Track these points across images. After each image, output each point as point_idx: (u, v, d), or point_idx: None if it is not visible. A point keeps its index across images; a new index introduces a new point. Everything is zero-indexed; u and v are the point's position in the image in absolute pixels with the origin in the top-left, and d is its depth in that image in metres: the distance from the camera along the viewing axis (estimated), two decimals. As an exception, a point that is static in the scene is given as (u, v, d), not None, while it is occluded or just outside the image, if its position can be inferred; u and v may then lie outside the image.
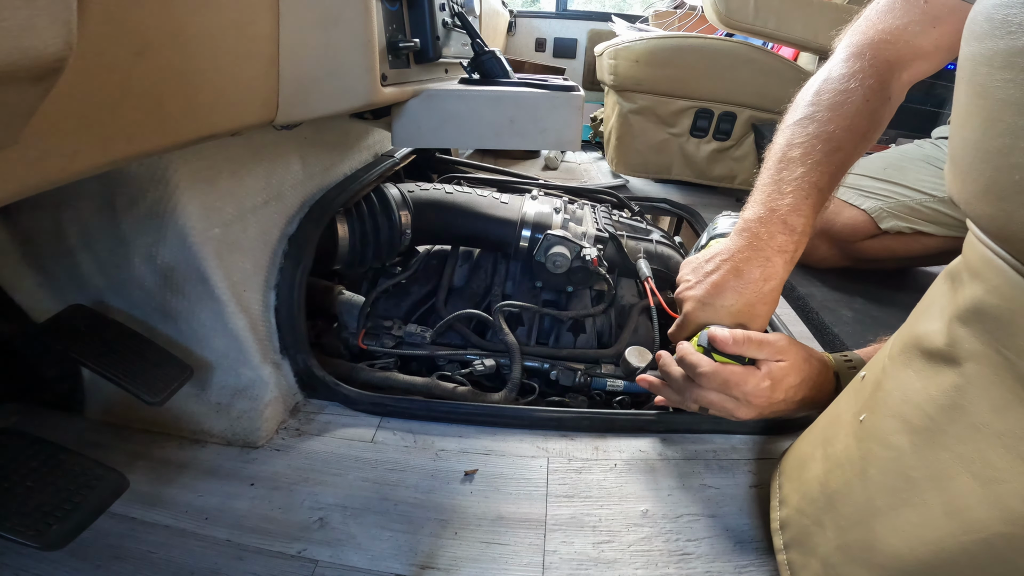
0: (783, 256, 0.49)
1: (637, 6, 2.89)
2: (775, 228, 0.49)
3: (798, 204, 0.49)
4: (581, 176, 1.81)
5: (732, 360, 0.48)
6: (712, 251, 0.53)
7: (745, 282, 0.49)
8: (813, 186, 0.50)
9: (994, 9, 0.26)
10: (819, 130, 0.52)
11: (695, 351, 0.50)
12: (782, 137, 0.54)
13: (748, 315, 0.50)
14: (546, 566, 0.45)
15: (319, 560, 0.44)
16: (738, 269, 0.50)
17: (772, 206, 0.50)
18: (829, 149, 0.51)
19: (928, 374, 0.32)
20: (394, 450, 0.56)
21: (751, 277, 0.49)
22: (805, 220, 0.50)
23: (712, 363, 0.48)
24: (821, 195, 0.50)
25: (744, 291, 0.49)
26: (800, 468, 0.44)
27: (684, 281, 0.54)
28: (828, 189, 0.51)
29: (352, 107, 0.48)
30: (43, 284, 0.55)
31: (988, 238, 0.29)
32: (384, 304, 0.80)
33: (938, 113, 1.78)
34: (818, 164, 0.50)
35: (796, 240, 0.49)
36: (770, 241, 0.49)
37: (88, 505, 0.38)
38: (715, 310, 0.50)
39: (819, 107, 0.53)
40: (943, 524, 0.28)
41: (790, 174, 0.51)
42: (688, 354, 0.50)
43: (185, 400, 0.56)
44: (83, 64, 0.24)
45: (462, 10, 0.65)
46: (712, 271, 0.51)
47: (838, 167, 0.51)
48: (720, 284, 0.50)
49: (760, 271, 0.49)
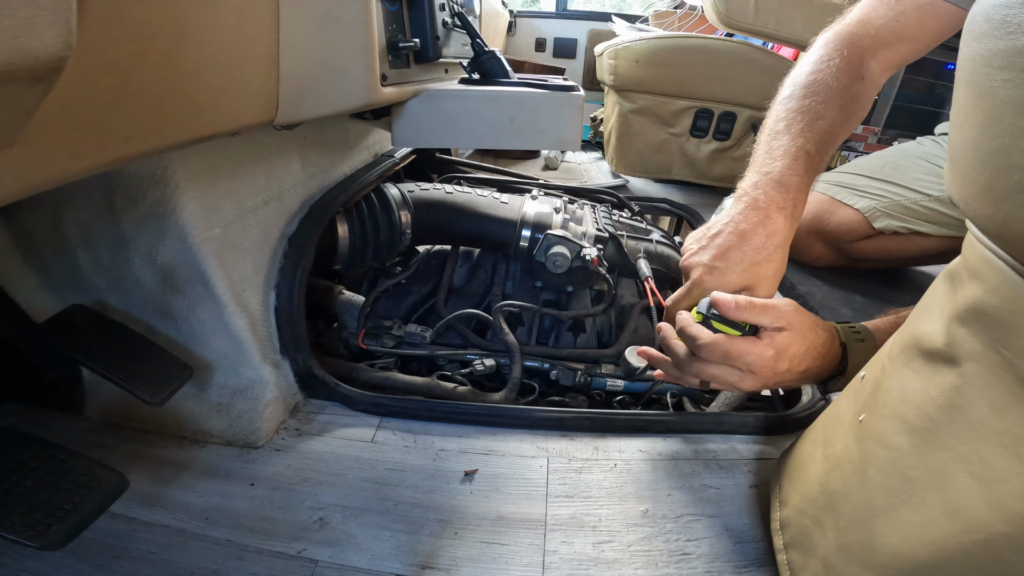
0: (782, 213, 0.51)
1: (637, 6, 2.89)
2: (771, 189, 0.51)
3: (789, 165, 0.52)
4: (581, 176, 1.81)
5: (733, 329, 0.47)
6: (713, 220, 0.55)
7: (749, 243, 0.50)
8: (800, 149, 0.53)
9: (993, 9, 0.26)
10: (798, 105, 0.57)
11: (695, 322, 0.49)
12: (768, 118, 0.59)
13: (755, 276, 0.50)
14: (546, 566, 0.45)
15: (319, 560, 0.44)
16: (741, 232, 0.51)
17: (765, 171, 0.53)
18: (810, 119, 0.55)
19: (927, 374, 0.32)
20: (394, 450, 0.56)
21: (754, 237, 0.50)
22: (799, 179, 0.52)
23: (712, 334, 0.48)
24: (811, 159, 0.53)
25: (748, 251, 0.50)
26: (800, 468, 0.44)
27: (689, 250, 0.55)
28: (817, 154, 0.54)
29: (352, 107, 0.48)
30: (43, 284, 0.55)
31: (987, 238, 0.29)
32: (384, 304, 0.80)
33: (938, 113, 1.78)
34: (802, 132, 0.54)
35: (793, 197, 0.51)
36: (767, 201, 0.51)
37: (88, 505, 0.38)
38: (722, 273, 0.51)
39: (796, 87, 0.59)
40: (942, 524, 0.28)
41: (778, 143, 0.55)
42: (688, 326, 0.49)
43: (185, 400, 0.56)
44: (83, 64, 0.24)
45: (462, 10, 0.65)
46: (715, 236, 0.52)
47: (823, 134, 0.55)
48: (725, 247, 0.51)
49: (762, 230, 0.50)
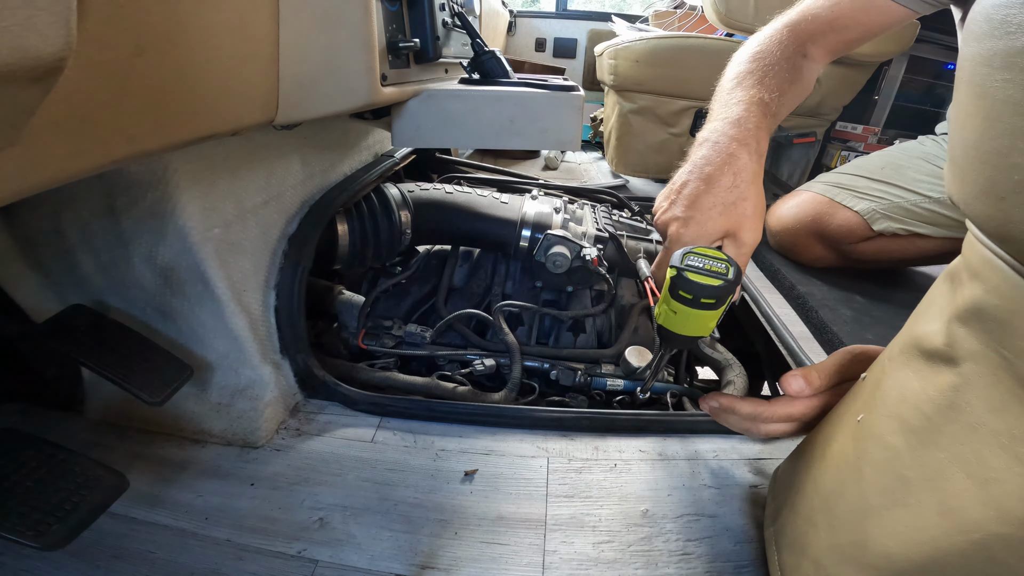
0: (745, 149, 0.49)
1: (637, 6, 2.89)
2: (729, 129, 0.50)
3: (746, 109, 0.52)
4: (581, 176, 1.81)
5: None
6: (678, 174, 0.52)
7: (718, 185, 0.48)
8: (754, 98, 0.53)
9: (993, 9, 0.26)
10: (748, 68, 0.58)
11: (726, 401, 0.47)
12: (719, 88, 0.59)
13: (733, 218, 0.48)
14: (546, 566, 0.45)
15: (319, 560, 0.44)
16: (707, 176, 0.48)
17: (720, 118, 0.52)
18: (760, 76, 0.56)
19: (926, 374, 0.32)
20: (394, 450, 0.56)
21: (721, 178, 0.48)
22: (757, 120, 0.51)
23: (747, 407, 0.45)
24: (766, 105, 0.53)
25: (719, 193, 0.48)
26: (797, 468, 0.44)
27: (660, 208, 0.52)
28: (772, 103, 0.54)
29: (352, 107, 0.48)
30: (43, 284, 0.55)
31: (987, 238, 0.29)
32: (384, 304, 0.80)
33: (938, 113, 1.78)
34: (754, 85, 0.55)
35: (754, 135, 0.50)
36: (728, 140, 0.49)
37: (88, 505, 0.38)
38: (698, 223, 0.48)
39: (744, 58, 0.61)
40: (937, 524, 0.28)
41: (731, 97, 0.54)
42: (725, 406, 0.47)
43: (185, 400, 0.56)
44: (83, 64, 0.24)
45: (462, 10, 0.65)
46: (682, 187, 0.50)
47: (774, 89, 0.55)
48: (694, 195, 0.48)
49: (728, 169, 0.48)
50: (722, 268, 0.41)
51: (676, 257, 0.42)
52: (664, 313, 0.44)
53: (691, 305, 0.41)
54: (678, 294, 0.41)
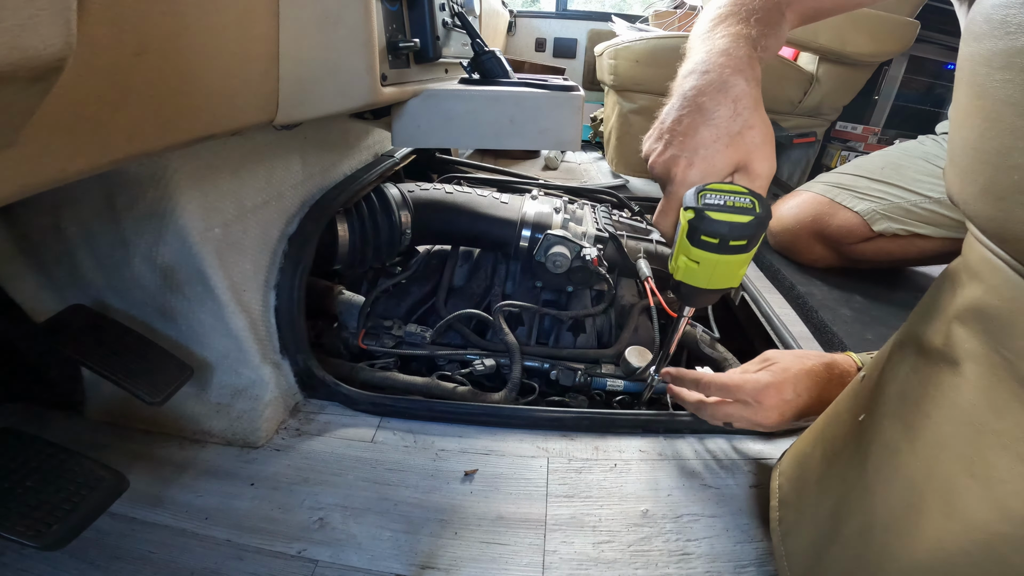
0: (740, 75, 0.43)
1: (637, 6, 2.89)
2: (716, 59, 0.44)
3: (732, 42, 0.46)
4: (581, 176, 1.81)
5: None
6: (664, 111, 0.46)
7: (716, 114, 0.42)
8: (740, 33, 0.47)
9: (993, 9, 0.26)
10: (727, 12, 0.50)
11: (683, 369, 0.50)
12: (693, 35, 0.52)
13: (742, 149, 0.41)
14: (546, 566, 0.45)
15: (319, 560, 0.44)
16: (700, 106, 0.42)
17: (704, 51, 0.46)
18: (742, 18, 0.49)
19: (927, 374, 0.32)
20: (394, 450, 0.56)
21: (719, 107, 0.42)
22: (746, 51, 0.45)
23: (700, 372, 0.48)
24: (753, 41, 0.47)
25: (721, 123, 0.41)
26: (799, 468, 0.44)
27: (652, 151, 0.45)
28: (760, 41, 0.47)
29: (352, 107, 0.47)
30: (43, 284, 0.55)
31: (987, 238, 0.29)
32: (384, 304, 0.80)
33: (938, 113, 1.78)
34: (737, 23, 0.48)
35: (746, 62, 0.44)
36: (719, 70, 0.43)
37: (88, 505, 0.38)
38: (705, 159, 0.41)
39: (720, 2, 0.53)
40: (941, 524, 0.28)
41: (713, 34, 0.48)
42: (683, 372, 0.50)
43: (185, 400, 0.56)
44: (83, 64, 0.24)
45: (462, 10, 0.65)
46: (675, 123, 0.43)
47: (759, 30, 0.48)
48: (692, 128, 0.42)
49: (724, 97, 0.42)
50: (747, 203, 0.35)
51: (689, 197, 0.37)
52: (683, 267, 0.38)
53: (717, 250, 0.35)
54: (700, 240, 0.35)
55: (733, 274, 0.37)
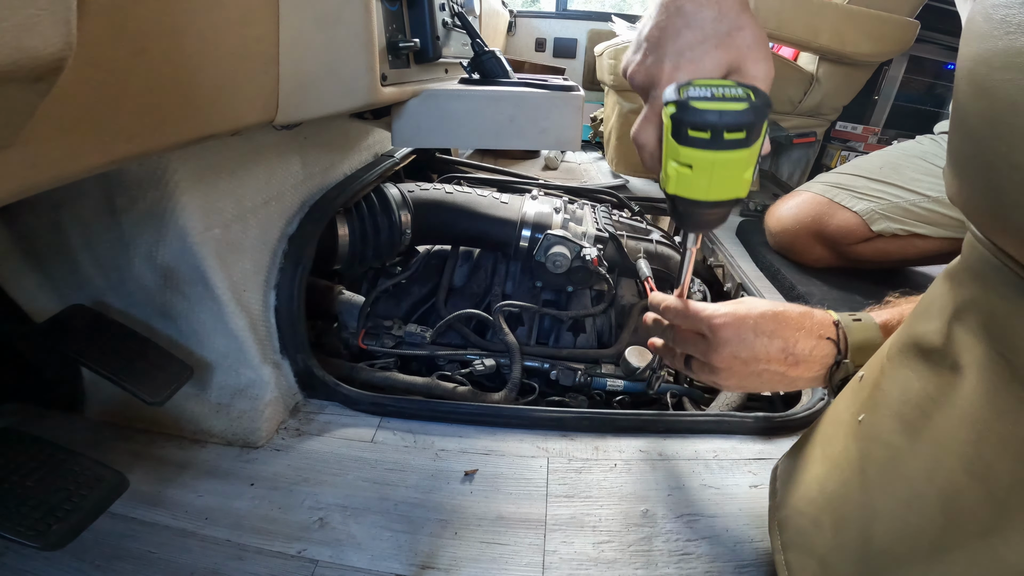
0: None
1: (637, 6, 2.89)
2: None
3: None
4: (581, 176, 1.81)
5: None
6: (640, 24, 0.42)
7: (700, 16, 0.38)
8: None
9: (993, 9, 0.26)
10: None
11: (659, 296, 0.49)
12: None
13: (732, 49, 0.37)
14: (546, 566, 0.45)
15: (319, 560, 0.44)
16: (679, 8, 0.38)
17: None
18: None
19: (926, 374, 0.32)
20: (394, 450, 0.56)
21: (703, 9, 0.38)
22: None
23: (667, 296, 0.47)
24: None
25: (707, 23, 0.37)
26: (799, 468, 0.44)
27: (631, 63, 0.41)
28: None
29: (352, 107, 0.48)
30: (43, 284, 0.55)
31: (987, 238, 0.29)
32: (384, 304, 0.80)
33: (938, 113, 1.79)
34: None
35: None
36: None
37: (88, 505, 0.38)
38: (691, 60, 0.37)
39: None
40: (941, 524, 0.28)
41: None
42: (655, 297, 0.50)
43: (185, 400, 0.56)
44: (83, 64, 0.24)
45: (462, 10, 0.65)
46: (656, 30, 0.39)
47: None
48: (675, 31, 0.38)
49: (707, 2, 0.37)
50: (739, 93, 0.30)
51: (670, 91, 0.31)
52: (675, 175, 0.32)
53: (710, 146, 0.30)
54: (687, 135, 0.30)
55: (736, 179, 0.32)
